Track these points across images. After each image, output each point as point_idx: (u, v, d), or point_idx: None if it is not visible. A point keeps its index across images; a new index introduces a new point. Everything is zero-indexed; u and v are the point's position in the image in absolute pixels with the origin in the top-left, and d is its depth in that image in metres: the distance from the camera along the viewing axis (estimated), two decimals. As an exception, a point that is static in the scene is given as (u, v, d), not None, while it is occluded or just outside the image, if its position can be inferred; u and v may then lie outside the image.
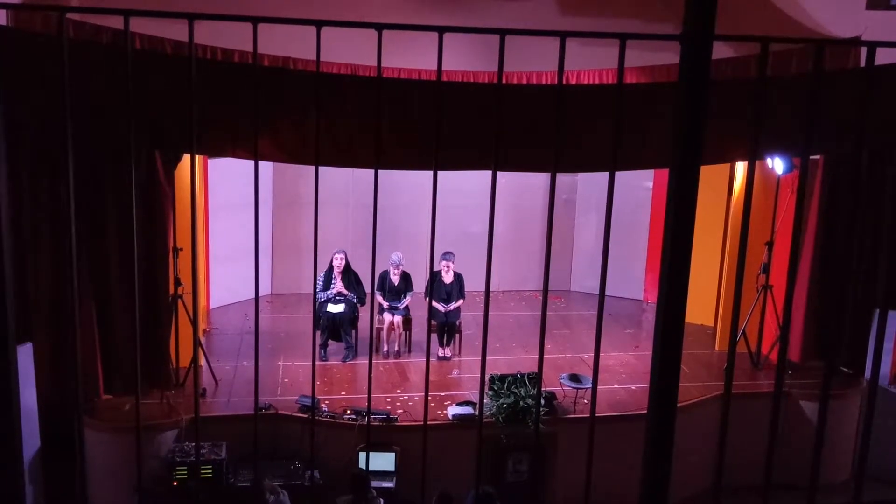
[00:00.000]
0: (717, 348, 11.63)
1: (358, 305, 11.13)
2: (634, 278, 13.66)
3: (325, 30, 2.51)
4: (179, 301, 9.41)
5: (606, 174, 2.83)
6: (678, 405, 2.76)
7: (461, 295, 11.25)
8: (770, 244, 10.54)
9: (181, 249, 9.39)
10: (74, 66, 2.59)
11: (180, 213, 9.31)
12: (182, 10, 2.50)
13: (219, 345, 11.35)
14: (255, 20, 2.36)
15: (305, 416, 9.11)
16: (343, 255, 11.13)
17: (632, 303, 13.60)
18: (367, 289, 11.07)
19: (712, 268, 11.89)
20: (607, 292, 3.03)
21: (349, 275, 11.16)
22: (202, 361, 9.95)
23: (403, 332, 11.33)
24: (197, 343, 8.59)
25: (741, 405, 8.75)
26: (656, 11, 10.85)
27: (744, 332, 10.79)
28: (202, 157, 10.67)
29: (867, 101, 3.03)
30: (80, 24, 8.73)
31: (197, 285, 10.73)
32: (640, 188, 13.29)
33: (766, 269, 10.55)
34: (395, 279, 11.26)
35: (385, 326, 11.15)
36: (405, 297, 11.27)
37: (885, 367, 10.00)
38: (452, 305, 11.14)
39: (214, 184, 11.81)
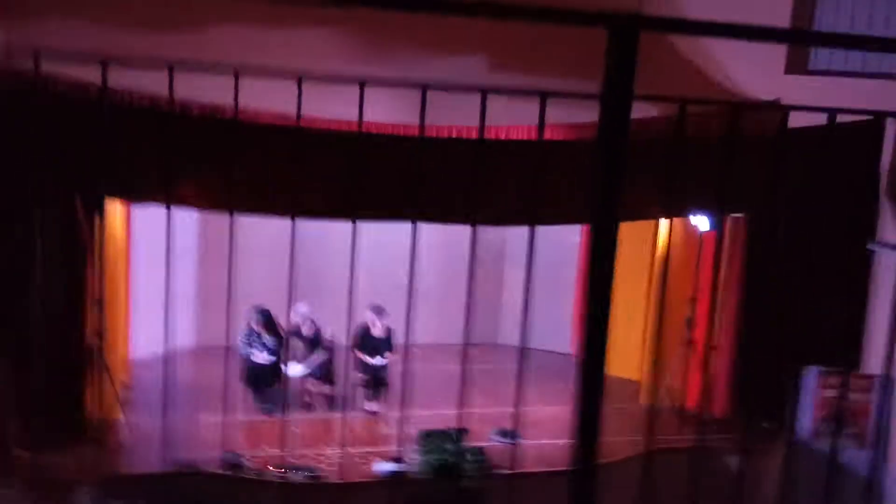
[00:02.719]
0: (641, 402, 11.70)
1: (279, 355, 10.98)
2: (562, 331, 13.74)
3: (247, 81, 2.48)
4: (97, 352, 9.13)
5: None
6: (603, 461, 2.74)
7: (390, 348, 11.16)
8: (694, 299, 10.72)
9: (100, 300, 9.15)
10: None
11: (105, 260, 9.10)
12: (110, 50, 2.44)
13: (139, 398, 11.01)
14: (171, 67, 2.32)
15: (229, 472, 8.87)
16: (259, 318, 10.92)
17: (561, 356, 13.64)
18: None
19: (637, 322, 12.02)
20: (536, 345, 3.02)
21: (271, 323, 11.00)
22: (121, 415, 9.63)
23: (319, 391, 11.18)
24: (104, 396, 8.33)
25: (669, 460, 8.76)
26: (587, 70, 11.07)
27: (668, 387, 10.89)
28: (125, 203, 10.46)
29: (782, 163, 3.11)
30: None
31: (117, 336, 10.45)
32: (568, 242, 13.43)
33: (689, 323, 10.71)
34: (308, 332, 11.09)
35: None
36: (315, 353, 11.09)
37: (810, 422, 10.18)
38: (380, 359, 11.03)
39: (138, 232, 11.56)
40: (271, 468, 9.13)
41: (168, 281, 2.71)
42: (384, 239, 10.91)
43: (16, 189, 8.19)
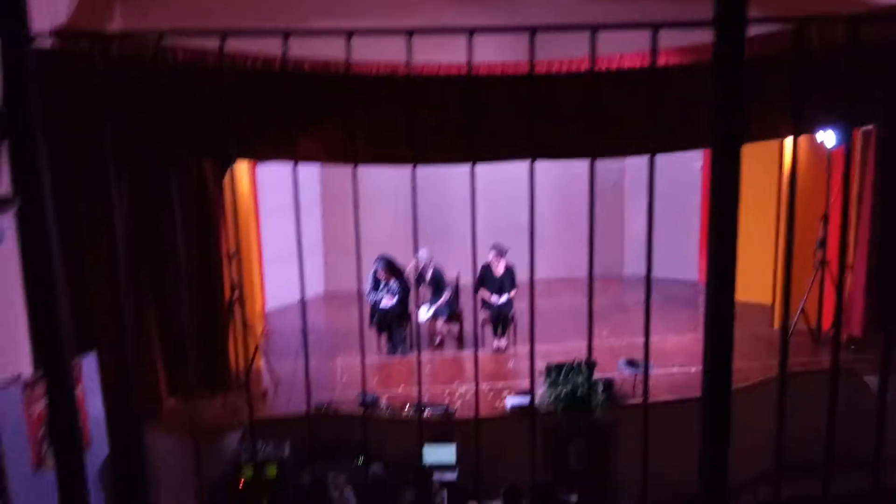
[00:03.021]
0: (776, 326, 11.44)
1: (406, 299, 11.20)
2: (688, 260, 13.51)
3: (361, 34, 2.54)
4: (236, 304, 9.56)
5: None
6: (737, 386, 2.74)
7: (513, 286, 11.25)
8: (825, 219, 10.34)
9: (236, 254, 9.53)
10: (119, 81, 2.66)
11: (233, 219, 9.46)
12: (222, 21, 2.54)
13: (277, 345, 11.50)
14: (286, 34, 2.40)
15: (367, 413, 9.21)
16: (383, 266, 11.13)
17: (687, 284, 13.44)
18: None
19: (768, 245, 11.69)
20: (662, 275, 3.01)
21: (395, 268, 11.22)
22: (261, 363, 10.09)
23: (447, 332, 11.38)
24: (248, 346, 8.72)
25: (804, 382, 8.60)
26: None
27: (803, 309, 10.60)
28: (250, 162, 10.81)
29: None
30: (125, 40, 8.90)
31: (252, 288, 10.90)
32: (690, 169, 13.12)
33: (822, 244, 10.35)
34: (431, 275, 11.26)
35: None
36: (439, 295, 11.26)
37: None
38: (504, 297, 11.13)
39: (264, 187, 11.96)
40: (406, 407, 9.42)
41: (298, 233, 2.83)
42: (501, 178, 10.93)
43: (149, 156, 8.58)
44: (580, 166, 13.12)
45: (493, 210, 11.99)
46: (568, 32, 2.69)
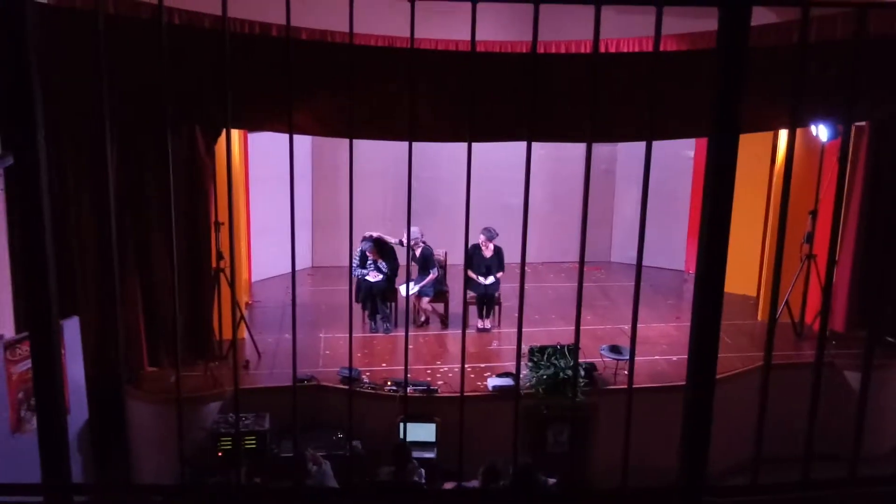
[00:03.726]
0: (759, 318, 11.51)
1: (393, 277, 11.17)
2: (676, 248, 13.53)
3: (360, 3, 2.50)
4: (221, 274, 9.52)
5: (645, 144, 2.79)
6: (719, 376, 2.74)
7: (500, 268, 11.25)
8: (814, 213, 10.37)
9: (223, 224, 9.46)
10: (113, 42, 2.62)
11: (221, 187, 9.39)
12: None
13: (261, 317, 11.48)
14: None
15: (347, 387, 9.21)
16: (371, 246, 11.09)
17: (673, 273, 13.47)
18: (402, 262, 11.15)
19: (755, 237, 11.73)
20: (648, 263, 3.01)
21: (384, 248, 11.19)
22: (245, 334, 10.08)
23: (432, 310, 11.38)
24: (236, 316, 8.69)
25: (784, 375, 8.61)
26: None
27: (787, 302, 10.66)
28: (241, 131, 10.73)
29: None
30: (120, 0, 8.81)
31: (238, 258, 10.85)
32: (682, 157, 13.12)
33: (809, 238, 10.39)
34: (419, 253, 11.22)
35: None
36: (426, 273, 11.24)
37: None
38: (492, 279, 11.14)
39: (254, 157, 11.89)
40: (387, 384, 9.43)
41: (292, 208, 2.80)
42: (491, 159, 10.90)
43: (140, 119, 8.51)
44: (568, 150, 13.14)
45: (482, 192, 11.95)
46: (570, 14, 2.66)
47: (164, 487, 3.32)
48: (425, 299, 11.20)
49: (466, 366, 10.26)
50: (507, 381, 9.43)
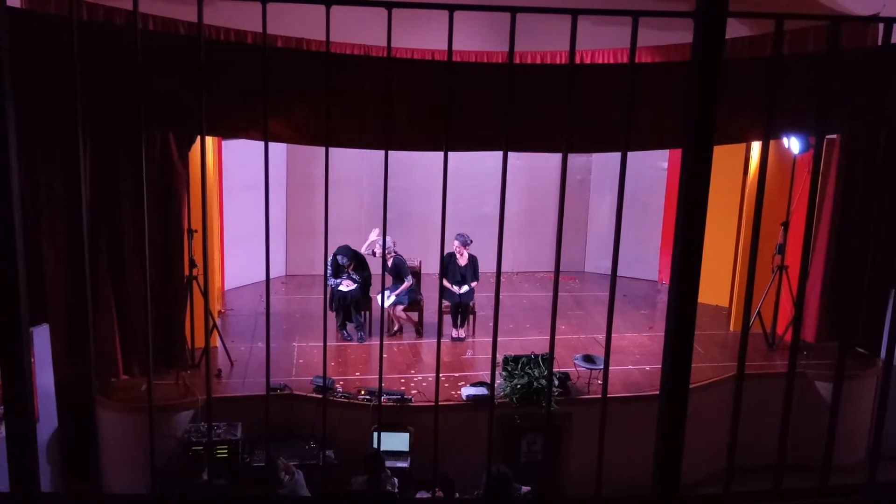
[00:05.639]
0: (732, 329, 11.59)
1: (367, 287, 11.13)
2: (649, 259, 13.62)
3: (337, 11, 2.50)
4: (194, 282, 9.44)
5: (619, 155, 2.81)
6: (692, 386, 2.76)
7: (475, 277, 11.25)
8: (786, 224, 10.47)
9: (196, 231, 9.39)
10: (87, 48, 2.59)
11: (195, 195, 9.33)
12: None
13: (234, 326, 11.40)
14: (264, 0, 2.35)
15: (320, 396, 9.16)
16: (347, 257, 11.04)
17: (646, 283, 13.56)
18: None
19: (728, 248, 11.83)
20: (621, 273, 3.02)
21: (357, 259, 11.14)
22: (217, 342, 10.00)
23: (406, 318, 11.37)
24: (209, 325, 8.63)
25: (756, 386, 8.73)
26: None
27: (759, 313, 10.74)
28: (216, 138, 10.68)
29: (884, 80, 3.00)
30: (94, 7, 8.74)
31: (211, 266, 10.77)
32: (655, 168, 13.22)
33: (781, 249, 10.49)
34: (392, 262, 11.18)
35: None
36: (400, 282, 11.21)
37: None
38: (466, 288, 11.14)
39: (229, 165, 11.83)
40: (360, 392, 9.39)
41: (267, 213, 2.78)
42: (464, 169, 10.92)
43: (110, 127, 8.44)
44: (543, 160, 13.20)
45: (457, 201, 11.99)
46: (546, 24, 2.68)
47: (134, 497, 3.28)
48: (399, 307, 11.17)
49: (441, 375, 10.27)
50: (482, 391, 9.42)
